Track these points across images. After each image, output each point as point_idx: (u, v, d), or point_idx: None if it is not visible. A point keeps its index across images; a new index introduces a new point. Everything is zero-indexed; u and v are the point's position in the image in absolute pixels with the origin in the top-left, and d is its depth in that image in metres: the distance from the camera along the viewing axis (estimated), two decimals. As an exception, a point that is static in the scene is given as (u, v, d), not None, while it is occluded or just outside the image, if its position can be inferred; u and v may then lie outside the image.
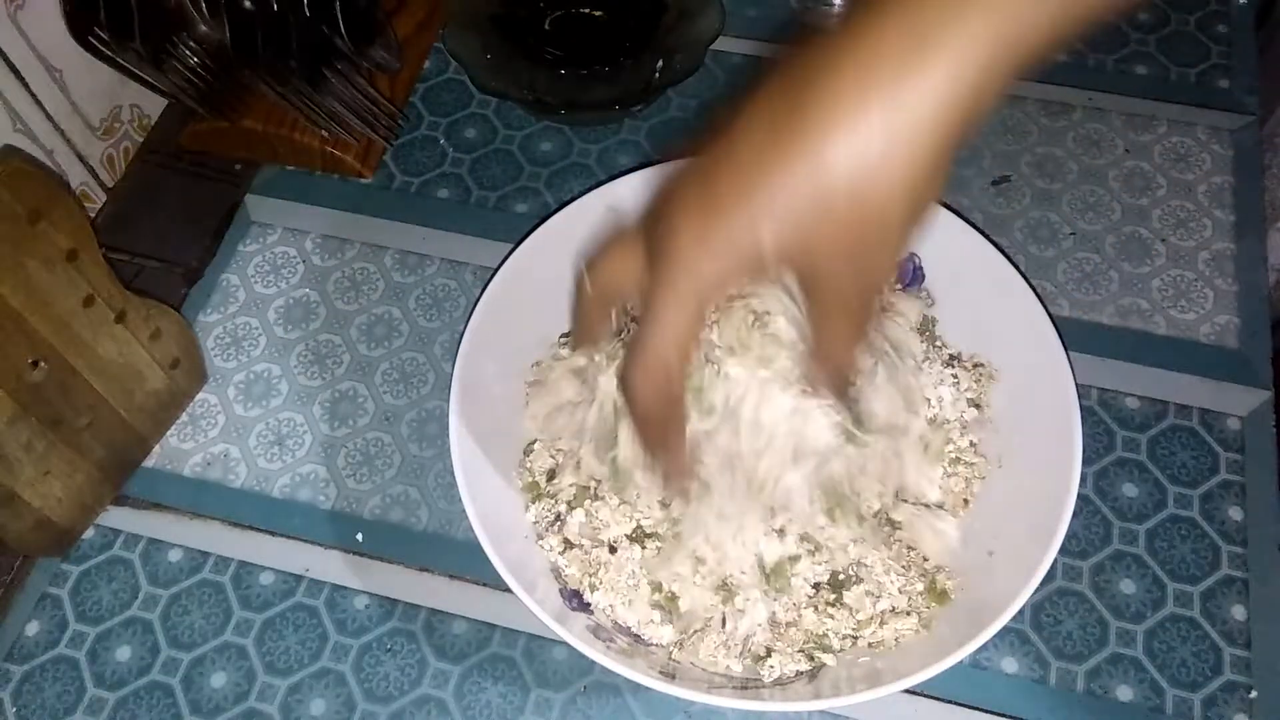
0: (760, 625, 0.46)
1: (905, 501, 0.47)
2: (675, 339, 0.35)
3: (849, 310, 0.34)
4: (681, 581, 0.46)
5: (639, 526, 0.47)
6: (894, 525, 0.47)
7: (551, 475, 0.50)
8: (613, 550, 0.47)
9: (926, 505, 0.48)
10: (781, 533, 0.45)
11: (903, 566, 0.46)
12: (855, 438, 0.42)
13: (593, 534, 0.48)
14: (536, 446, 0.51)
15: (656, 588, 0.47)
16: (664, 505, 0.47)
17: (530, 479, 0.50)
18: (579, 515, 0.48)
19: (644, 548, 0.47)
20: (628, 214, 0.48)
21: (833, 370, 0.38)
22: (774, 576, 0.46)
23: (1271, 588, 0.50)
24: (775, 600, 0.46)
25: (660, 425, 0.39)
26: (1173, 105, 0.66)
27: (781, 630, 0.46)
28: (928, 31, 0.29)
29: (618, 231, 0.41)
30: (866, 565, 0.46)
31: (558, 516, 0.48)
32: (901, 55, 0.29)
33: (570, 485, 0.49)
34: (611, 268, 0.38)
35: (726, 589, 0.46)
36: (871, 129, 0.29)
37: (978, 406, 0.51)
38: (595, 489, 0.48)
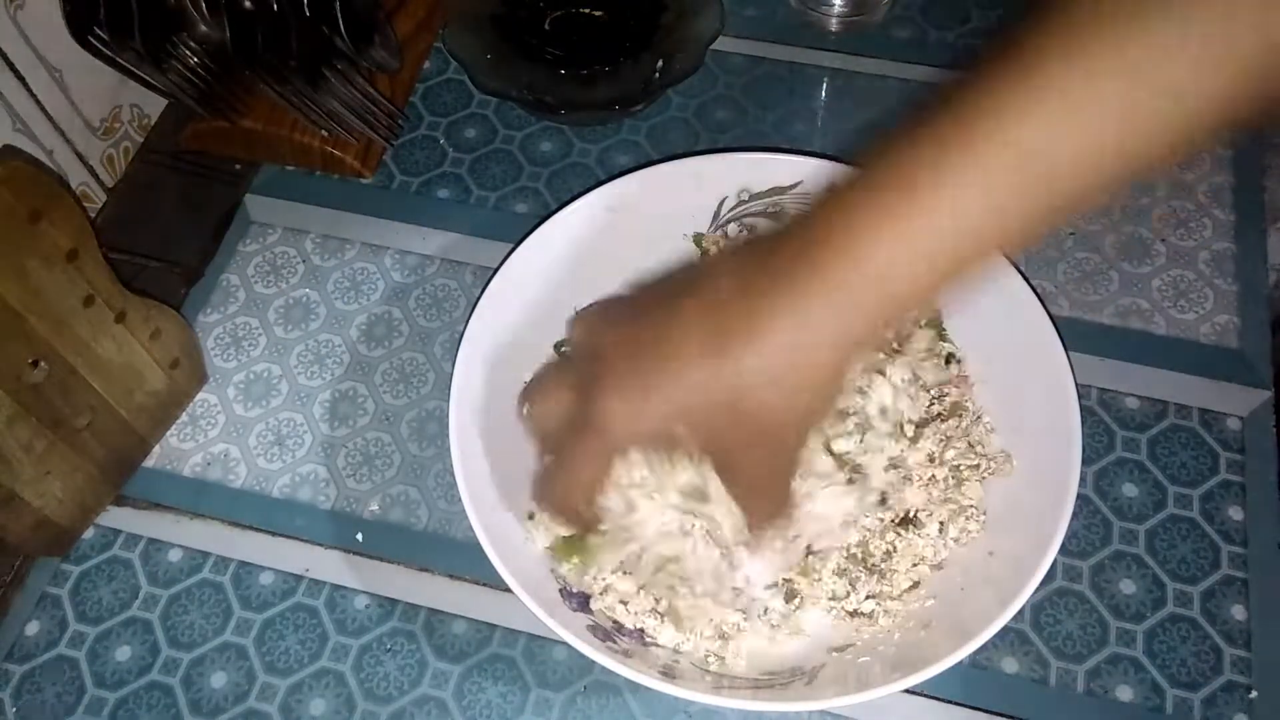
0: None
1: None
2: (583, 486, 0.40)
3: (762, 492, 0.40)
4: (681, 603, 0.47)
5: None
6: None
7: None
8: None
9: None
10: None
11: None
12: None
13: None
14: None
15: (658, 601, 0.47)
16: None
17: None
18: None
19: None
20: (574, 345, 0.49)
21: (764, 526, 0.43)
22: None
23: (1271, 588, 0.50)
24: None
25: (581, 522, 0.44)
26: (1173, 105, 0.66)
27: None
28: (830, 275, 0.34)
29: (557, 368, 0.48)
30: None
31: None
32: (805, 290, 0.35)
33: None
34: (546, 404, 0.42)
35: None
36: (779, 350, 0.35)
37: (972, 414, 0.51)
38: None
